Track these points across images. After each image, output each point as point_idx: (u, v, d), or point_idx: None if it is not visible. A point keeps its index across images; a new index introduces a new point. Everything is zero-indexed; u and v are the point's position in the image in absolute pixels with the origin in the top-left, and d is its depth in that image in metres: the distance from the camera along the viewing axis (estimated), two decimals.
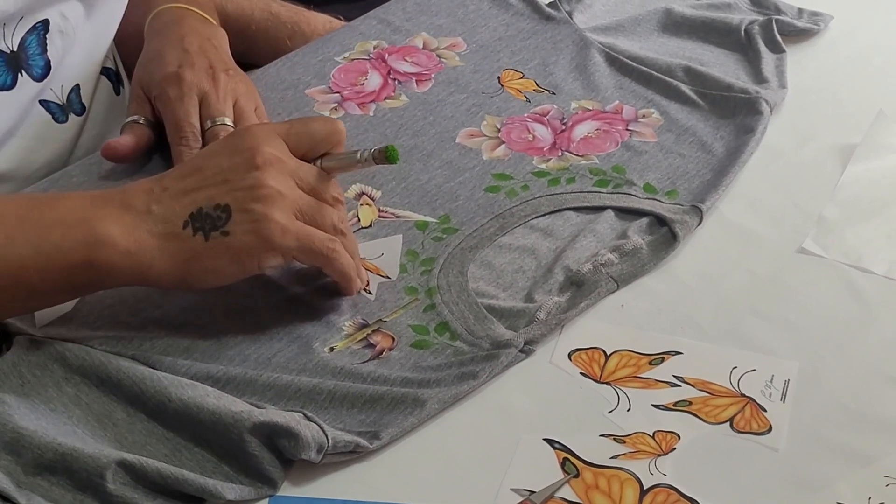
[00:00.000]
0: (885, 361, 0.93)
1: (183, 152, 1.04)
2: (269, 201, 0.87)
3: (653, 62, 1.22)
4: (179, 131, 1.05)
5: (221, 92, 1.07)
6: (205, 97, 1.06)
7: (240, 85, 1.10)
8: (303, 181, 0.90)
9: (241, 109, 1.08)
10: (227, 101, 1.07)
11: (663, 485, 0.83)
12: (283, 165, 0.89)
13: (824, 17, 1.31)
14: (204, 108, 1.06)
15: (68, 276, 0.86)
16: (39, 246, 0.84)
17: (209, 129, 1.05)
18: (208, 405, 0.83)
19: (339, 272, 0.92)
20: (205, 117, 1.06)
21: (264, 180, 0.88)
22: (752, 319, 0.96)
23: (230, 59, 1.14)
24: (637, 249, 1.01)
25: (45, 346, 0.87)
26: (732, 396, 0.90)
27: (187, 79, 1.06)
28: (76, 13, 1.11)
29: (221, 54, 1.13)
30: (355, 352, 0.92)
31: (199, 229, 0.87)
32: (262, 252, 0.88)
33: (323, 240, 0.90)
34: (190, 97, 1.06)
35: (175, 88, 1.06)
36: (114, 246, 0.85)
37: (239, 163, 0.88)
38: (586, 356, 0.93)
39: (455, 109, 1.17)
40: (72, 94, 1.13)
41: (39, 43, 1.08)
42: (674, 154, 1.12)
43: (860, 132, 1.14)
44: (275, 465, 0.82)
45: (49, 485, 0.80)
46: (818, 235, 1.04)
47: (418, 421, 0.86)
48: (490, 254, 1.01)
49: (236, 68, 1.13)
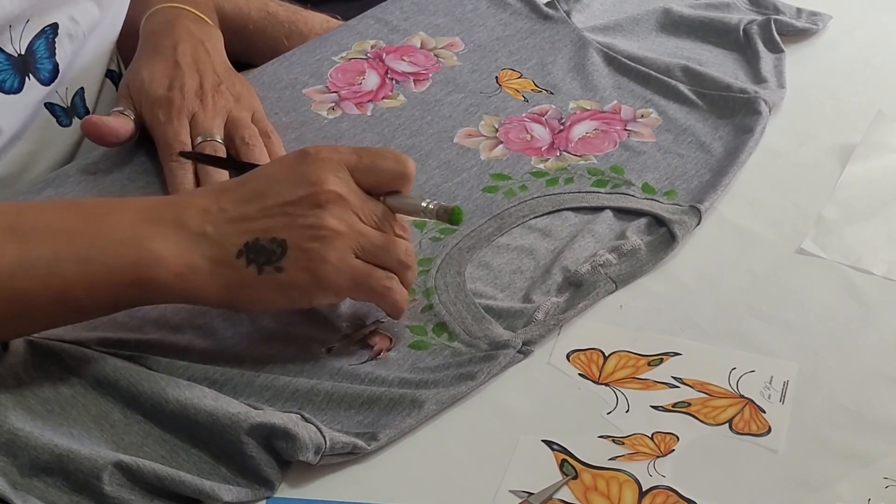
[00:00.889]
0: (884, 362, 0.93)
1: (174, 168, 1.04)
2: (327, 241, 0.85)
3: (651, 62, 1.22)
4: (170, 149, 1.05)
5: (210, 111, 1.07)
6: (194, 117, 1.07)
7: (231, 97, 1.10)
8: (367, 217, 0.88)
9: (235, 120, 1.08)
10: (217, 118, 1.07)
11: (662, 486, 0.83)
12: (346, 203, 0.86)
13: (823, 16, 1.31)
14: (193, 126, 1.07)
15: (115, 295, 0.84)
16: (87, 265, 0.82)
17: (198, 145, 1.05)
18: (205, 406, 0.83)
19: (391, 307, 0.90)
20: (195, 134, 1.06)
21: (325, 220, 0.85)
22: (751, 320, 0.96)
23: (223, 65, 1.14)
24: (635, 250, 1.01)
25: (42, 346, 0.87)
26: (731, 397, 0.90)
27: (177, 103, 1.07)
28: (89, 16, 1.11)
29: (214, 61, 1.13)
30: (353, 353, 0.91)
31: (252, 261, 0.84)
32: (314, 291, 0.86)
33: (379, 279, 0.88)
34: (180, 119, 1.07)
35: (165, 112, 1.07)
36: (165, 267, 0.83)
37: (302, 197, 0.85)
38: (585, 357, 0.93)
39: (453, 109, 1.16)
40: (76, 97, 1.13)
41: (48, 47, 1.08)
42: (672, 154, 1.12)
43: (859, 132, 1.14)
44: (272, 467, 0.82)
45: (45, 486, 0.79)
46: (817, 236, 1.04)
47: (416, 422, 0.86)
48: (488, 254, 1.01)
49: (230, 73, 1.13)
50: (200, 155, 1.05)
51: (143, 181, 1.07)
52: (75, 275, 0.82)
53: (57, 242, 0.82)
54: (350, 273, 0.86)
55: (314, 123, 1.13)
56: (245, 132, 1.07)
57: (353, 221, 0.86)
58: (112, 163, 1.08)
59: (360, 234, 0.87)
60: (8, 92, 1.06)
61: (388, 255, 0.88)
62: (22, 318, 0.83)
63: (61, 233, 0.83)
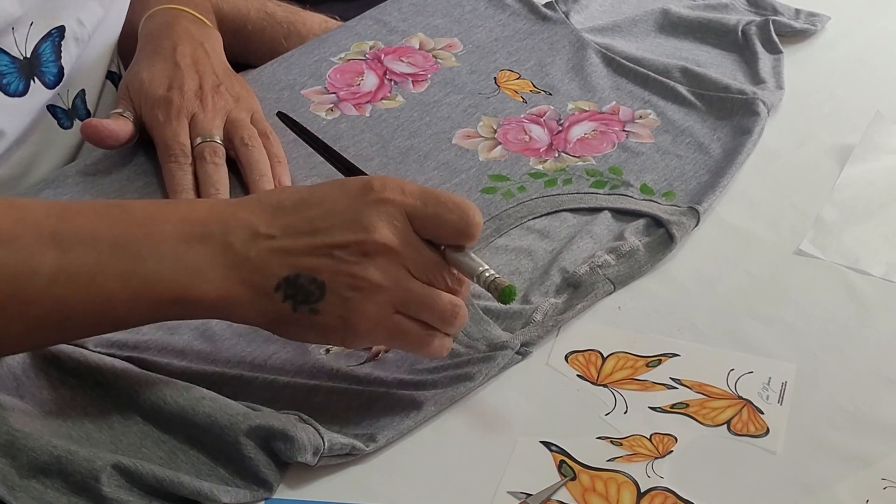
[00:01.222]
0: (882, 363, 0.93)
1: (173, 169, 1.04)
2: (367, 293, 0.82)
3: (650, 63, 1.22)
4: (169, 150, 1.05)
5: (210, 112, 1.08)
6: (194, 117, 1.07)
7: (230, 98, 1.10)
8: (418, 269, 0.83)
9: (234, 121, 1.08)
10: (216, 119, 1.08)
11: (660, 487, 0.83)
12: (395, 256, 0.82)
13: (821, 17, 1.31)
14: (193, 126, 1.07)
15: (156, 310, 0.82)
16: (129, 278, 0.80)
17: (198, 146, 1.05)
18: (204, 407, 0.83)
19: (428, 356, 0.88)
20: (194, 135, 1.06)
21: (369, 272, 0.82)
22: (749, 321, 0.96)
23: (223, 66, 1.14)
24: (634, 251, 1.01)
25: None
26: (730, 399, 0.90)
27: (176, 103, 1.07)
28: (94, 18, 1.11)
29: (213, 62, 1.13)
30: (351, 354, 0.91)
31: (289, 297, 0.82)
32: (348, 337, 0.84)
33: (416, 336, 0.84)
34: (179, 119, 1.07)
35: (164, 112, 1.07)
36: (206, 288, 0.81)
37: (351, 242, 0.82)
38: (583, 358, 0.93)
39: (451, 110, 1.16)
40: (77, 99, 1.13)
41: (54, 50, 1.08)
42: (671, 155, 1.12)
43: (858, 133, 1.14)
44: (270, 468, 0.82)
45: (44, 487, 0.79)
46: (816, 237, 1.04)
47: (414, 423, 0.86)
48: (486, 255, 1.00)
49: (229, 74, 1.13)
50: (294, 122, 1.08)
51: (141, 182, 1.07)
52: (116, 288, 0.80)
53: (99, 252, 0.80)
54: (386, 328, 0.83)
55: (313, 124, 1.13)
56: (244, 133, 1.07)
57: (399, 275, 0.83)
58: (111, 164, 1.08)
59: (405, 289, 0.83)
60: (13, 95, 1.05)
61: (430, 311, 0.84)
62: (64, 326, 0.81)
63: (104, 242, 0.81)
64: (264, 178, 1.05)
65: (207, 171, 1.04)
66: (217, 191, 1.04)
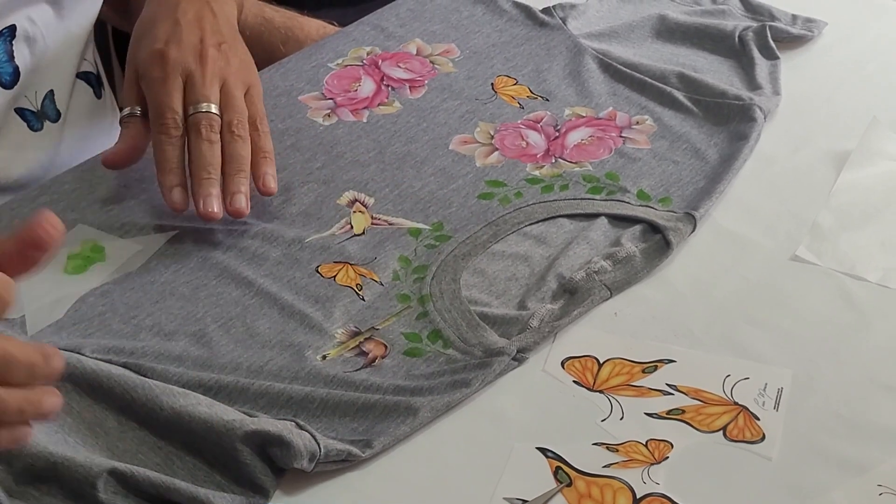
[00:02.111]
0: (878, 369, 0.93)
1: (162, 142, 0.99)
2: None
3: (647, 69, 1.22)
4: (160, 118, 1.00)
5: (209, 72, 1.01)
6: (189, 78, 1.01)
7: (232, 60, 1.04)
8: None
9: (228, 92, 1.02)
10: (214, 83, 1.01)
11: (656, 493, 0.83)
12: None
13: (818, 23, 1.31)
14: (188, 90, 1.01)
15: None
16: None
17: (191, 117, 1.00)
18: (200, 414, 0.83)
19: None
20: (188, 102, 1.00)
21: None
22: (745, 327, 0.96)
23: (229, 29, 1.07)
24: (630, 257, 1.01)
25: None
26: (725, 405, 0.90)
27: (172, 57, 1.01)
28: (45, 17, 1.08)
29: (220, 23, 1.06)
30: (348, 360, 0.91)
31: None
32: None
33: None
34: (174, 78, 1.00)
35: (158, 68, 1.01)
36: None
37: None
38: (579, 364, 0.93)
39: (448, 116, 1.16)
40: (45, 100, 1.11)
41: (6, 50, 1.05)
42: (667, 161, 1.12)
43: (854, 139, 1.14)
44: (267, 474, 0.82)
45: (40, 494, 0.79)
46: (812, 243, 1.04)
47: (411, 429, 0.86)
48: (483, 261, 1.01)
49: (236, 37, 1.07)
50: None
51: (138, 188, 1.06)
52: None
53: None
54: None
55: (310, 130, 1.14)
56: (233, 116, 1.02)
57: None
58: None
59: None
60: None
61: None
62: None
63: None
64: (240, 174, 1.00)
65: (202, 150, 0.99)
66: (209, 174, 0.99)
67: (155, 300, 0.95)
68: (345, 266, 0.99)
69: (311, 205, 1.05)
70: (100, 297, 0.95)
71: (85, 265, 0.99)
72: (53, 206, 1.03)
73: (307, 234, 1.02)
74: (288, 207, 1.05)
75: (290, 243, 1.01)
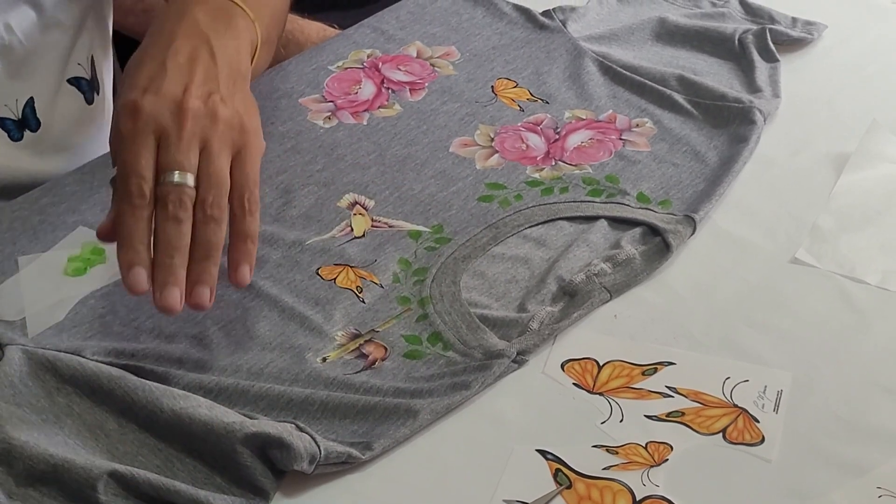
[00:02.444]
0: (878, 371, 0.93)
1: (124, 212, 0.84)
2: None
3: (647, 71, 1.22)
4: (123, 184, 0.85)
5: (187, 131, 0.86)
6: (164, 137, 0.86)
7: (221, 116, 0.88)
8: None
9: (208, 159, 0.87)
10: (192, 145, 0.86)
11: (656, 496, 0.83)
12: None
13: (818, 26, 1.31)
14: (161, 153, 0.86)
15: None
16: None
17: (160, 187, 0.85)
18: (200, 416, 0.83)
19: None
20: (161, 166, 0.85)
21: None
22: (745, 329, 0.96)
23: (229, 75, 0.92)
24: (630, 259, 1.01)
25: (37, 356, 0.87)
26: (725, 407, 0.90)
27: (145, 110, 0.86)
28: (26, 22, 1.06)
29: (218, 67, 0.91)
30: (348, 362, 0.92)
31: None
32: None
33: None
34: (144, 136, 0.86)
35: (129, 122, 0.86)
36: None
37: None
38: (579, 367, 0.93)
39: (448, 118, 1.17)
40: (26, 108, 1.08)
41: None
42: (667, 163, 1.12)
43: (854, 141, 1.14)
44: (267, 476, 0.82)
45: (40, 496, 0.79)
46: (812, 245, 1.04)
47: (411, 431, 0.86)
48: (483, 263, 1.01)
49: (231, 88, 0.92)
50: None
51: None
52: None
53: None
54: None
55: (310, 133, 1.14)
56: (210, 192, 0.86)
57: None
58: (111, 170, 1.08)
59: None
60: None
61: None
62: None
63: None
64: (207, 262, 0.85)
65: (166, 231, 0.84)
66: (171, 259, 0.84)
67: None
68: (345, 268, 1.00)
69: (311, 207, 1.05)
70: (100, 299, 0.95)
71: (85, 267, 0.99)
72: (54, 207, 1.04)
73: (307, 237, 1.02)
74: (288, 210, 1.05)
75: (291, 246, 1.01)
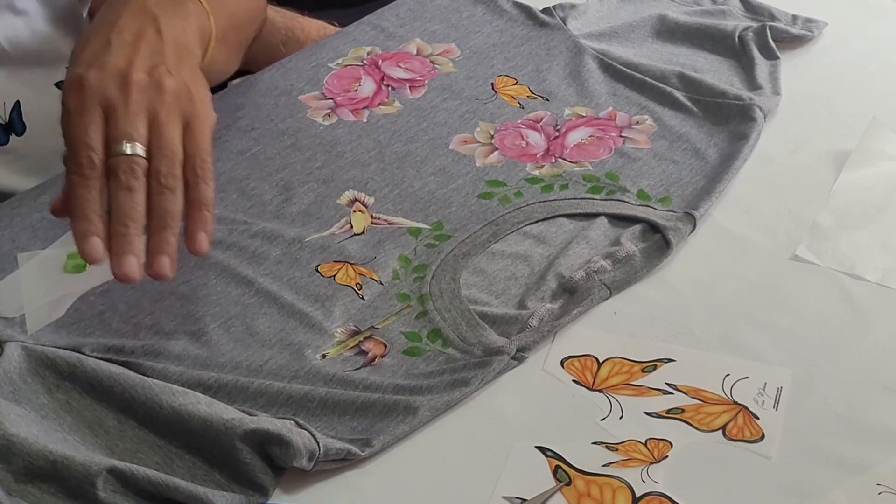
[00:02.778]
0: (878, 369, 0.93)
1: (76, 183, 0.84)
2: None
3: (647, 69, 1.22)
4: (73, 156, 0.85)
5: (133, 102, 0.86)
6: (110, 110, 0.86)
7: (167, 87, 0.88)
8: None
9: (157, 130, 0.86)
10: (139, 117, 0.86)
11: (655, 493, 0.83)
12: None
13: (818, 23, 1.31)
14: (110, 125, 0.86)
15: None
16: None
17: (113, 158, 0.85)
18: (199, 412, 0.83)
19: None
20: (111, 137, 0.85)
21: None
22: (745, 327, 0.96)
23: (175, 50, 0.92)
24: (630, 256, 1.01)
25: (37, 352, 0.87)
26: (725, 404, 0.90)
27: (90, 85, 0.86)
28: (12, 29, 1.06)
29: (164, 43, 0.91)
30: (347, 359, 0.92)
31: None
32: None
33: None
34: (91, 110, 0.86)
35: (74, 97, 0.86)
36: None
37: None
38: (579, 363, 0.93)
39: (448, 116, 1.16)
40: (14, 112, 1.07)
41: None
42: (667, 161, 1.12)
43: (854, 139, 1.14)
44: (266, 473, 0.82)
45: (40, 492, 0.79)
46: (812, 242, 1.04)
47: (410, 428, 0.86)
48: (483, 260, 1.01)
49: (178, 62, 0.91)
50: None
51: None
52: None
53: None
54: None
55: (310, 130, 1.14)
56: (162, 162, 0.86)
57: None
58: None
59: None
60: None
61: None
62: None
63: None
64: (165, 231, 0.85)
65: (119, 200, 0.84)
66: (126, 228, 0.84)
67: (154, 299, 0.95)
68: (344, 265, 1.00)
69: (310, 204, 1.05)
70: (99, 296, 0.95)
71: (85, 264, 0.98)
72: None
73: (307, 234, 1.02)
74: (288, 207, 1.05)
75: (290, 242, 1.01)
